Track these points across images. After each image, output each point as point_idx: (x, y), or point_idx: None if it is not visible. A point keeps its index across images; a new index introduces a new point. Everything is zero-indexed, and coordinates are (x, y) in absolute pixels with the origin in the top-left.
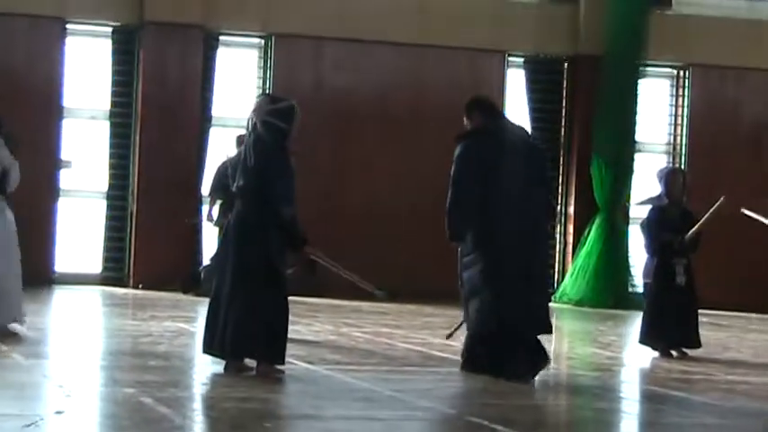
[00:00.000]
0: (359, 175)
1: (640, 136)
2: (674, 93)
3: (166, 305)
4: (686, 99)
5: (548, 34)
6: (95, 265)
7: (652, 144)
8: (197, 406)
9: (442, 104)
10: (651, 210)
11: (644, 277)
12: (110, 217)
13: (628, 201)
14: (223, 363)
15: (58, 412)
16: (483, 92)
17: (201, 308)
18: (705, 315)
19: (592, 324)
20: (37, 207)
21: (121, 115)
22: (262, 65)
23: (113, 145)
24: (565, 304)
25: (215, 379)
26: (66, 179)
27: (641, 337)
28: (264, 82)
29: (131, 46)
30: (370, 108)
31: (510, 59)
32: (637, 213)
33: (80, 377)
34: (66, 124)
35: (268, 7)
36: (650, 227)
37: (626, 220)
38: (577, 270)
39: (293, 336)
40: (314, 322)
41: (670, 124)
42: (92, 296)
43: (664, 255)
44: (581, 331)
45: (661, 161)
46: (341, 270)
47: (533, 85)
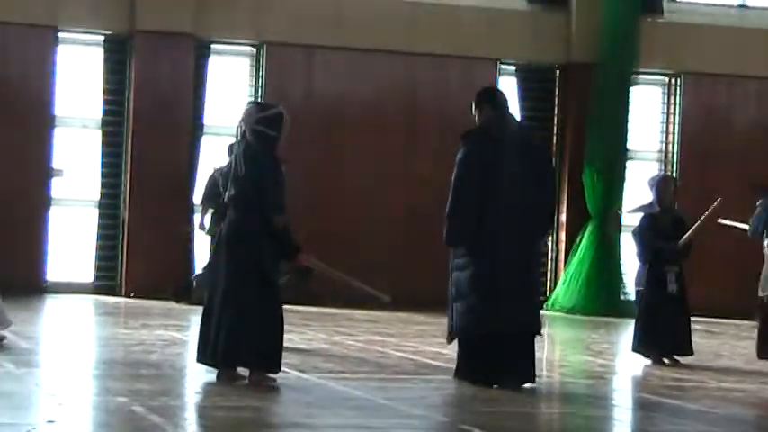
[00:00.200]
0: (350, 183)
1: (632, 144)
2: (666, 100)
3: (158, 314)
4: (678, 107)
5: (539, 42)
6: (87, 274)
7: (644, 152)
8: (189, 415)
9: (434, 112)
10: (643, 217)
11: (636, 285)
12: (101, 226)
13: (620, 209)
14: (216, 372)
15: (50, 421)
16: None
17: (194, 316)
18: (697, 322)
19: (584, 332)
20: (28, 216)
21: (113, 124)
22: (253, 73)
23: (105, 153)
24: (557, 312)
25: (207, 388)
26: (57, 188)
27: (634, 345)
28: (256, 90)
29: (123, 55)
30: (361, 116)
31: (502, 67)
32: (629, 221)
33: (72, 386)
34: (57, 133)
35: (259, 15)
36: (642, 234)
37: (618, 228)
38: (569, 278)
39: (286, 344)
40: (306, 330)
41: (662, 132)
42: (83, 305)
43: (655, 262)
44: (573, 339)
45: (653, 169)
46: (342, 276)
47: (525, 93)
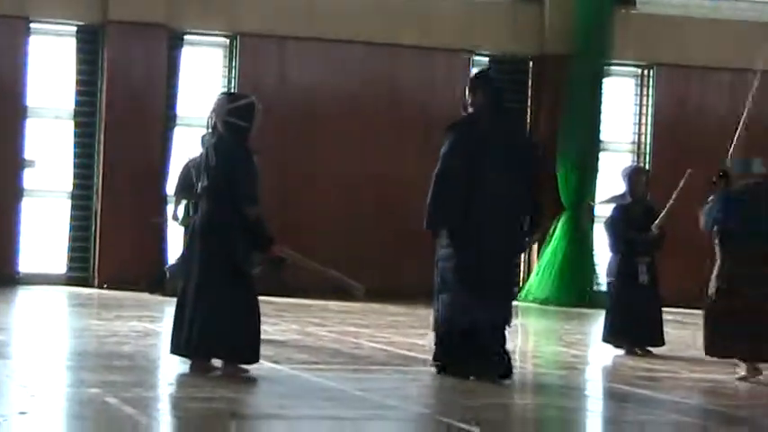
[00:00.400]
0: (324, 175)
1: (605, 135)
2: (639, 92)
3: (132, 305)
4: (651, 98)
5: (513, 34)
6: (60, 265)
7: (617, 143)
8: (162, 406)
9: (408, 103)
10: (615, 208)
11: (608, 276)
12: (74, 217)
13: (593, 200)
14: (189, 363)
15: (22, 413)
16: (447, 91)
17: (167, 308)
18: (670, 313)
19: (557, 323)
20: (0, 207)
21: (85, 114)
22: (227, 64)
23: (77, 144)
24: (530, 303)
25: (181, 379)
26: (30, 179)
27: (604, 336)
28: (229, 81)
29: (95, 45)
30: (335, 107)
31: (476, 59)
32: (601, 212)
33: (44, 377)
34: (29, 124)
35: (233, 6)
36: (614, 225)
37: (591, 219)
38: (543, 269)
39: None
40: (280, 321)
41: (635, 123)
42: (56, 296)
43: (627, 253)
44: (546, 330)
45: (626, 160)
46: (316, 266)
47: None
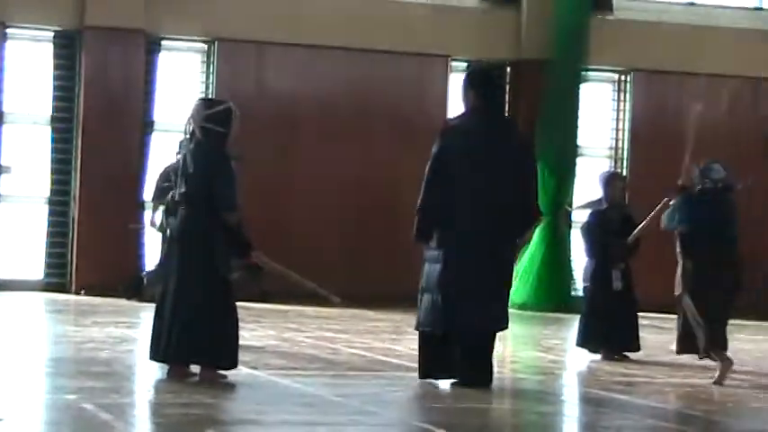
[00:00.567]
0: (303, 181)
1: (582, 140)
2: (616, 97)
3: (109, 311)
4: (628, 104)
5: (490, 39)
6: (37, 271)
7: (594, 148)
8: (140, 412)
9: (386, 109)
10: (591, 213)
11: (583, 281)
12: (51, 222)
13: (570, 205)
14: (167, 368)
15: None
16: (427, 97)
17: (145, 314)
18: (647, 318)
19: (535, 328)
20: None
21: (63, 120)
22: (204, 69)
23: (55, 150)
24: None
25: (158, 385)
26: (6, 185)
27: (579, 340)
28: (207, 87)
29: (73, 50)
30: (313, 113)
31: (453, 64)
32: (578, 217)
33: (22, 384)
34: (6, 129)
35: (211, 12)
36: (590, 231)
37: (568, 224)
38: (521, 274)
39: None
40: (257, 327)
41: (612, 129)
42: (33, 302)
43: (602, 259)
44: (524, 335)
45: (603, 165)
46: (294, 275)
47: None
